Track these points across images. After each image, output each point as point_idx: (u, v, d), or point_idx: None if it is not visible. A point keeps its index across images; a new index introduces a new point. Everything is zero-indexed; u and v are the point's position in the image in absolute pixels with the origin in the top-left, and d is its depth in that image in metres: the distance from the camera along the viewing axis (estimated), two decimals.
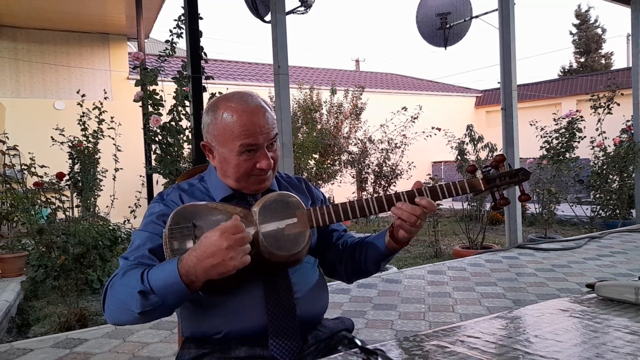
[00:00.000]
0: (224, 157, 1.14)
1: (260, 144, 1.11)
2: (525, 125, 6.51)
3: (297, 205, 1.09)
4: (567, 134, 6.33)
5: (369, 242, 1.23)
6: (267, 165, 1.12)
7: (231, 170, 1.14)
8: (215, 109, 1.15)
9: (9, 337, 3.44)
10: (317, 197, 1.32)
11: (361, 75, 17.07)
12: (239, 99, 1.15)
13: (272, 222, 1.06)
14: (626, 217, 6.71)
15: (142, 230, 1.12)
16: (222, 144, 1.13)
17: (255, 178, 1.14)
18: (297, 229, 1.07)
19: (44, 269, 4.17)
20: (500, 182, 1.14)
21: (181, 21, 3.83)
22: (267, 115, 1.14)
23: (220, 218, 1.04)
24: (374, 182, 8.71)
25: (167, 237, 1.01)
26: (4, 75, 9.42)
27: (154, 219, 1.12)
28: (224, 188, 1.18)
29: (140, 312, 0.96)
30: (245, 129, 1.10)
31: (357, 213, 1.10)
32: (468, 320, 1.02)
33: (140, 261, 1.05)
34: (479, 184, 1.13)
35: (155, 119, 3.72)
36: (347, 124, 9.35)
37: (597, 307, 1.05)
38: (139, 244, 1.09)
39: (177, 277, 0.93)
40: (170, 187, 1.22)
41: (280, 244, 1.04)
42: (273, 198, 1.09)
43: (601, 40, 23.26)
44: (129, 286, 0.97)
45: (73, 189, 6.31)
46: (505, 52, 5.09)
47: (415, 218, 1.07)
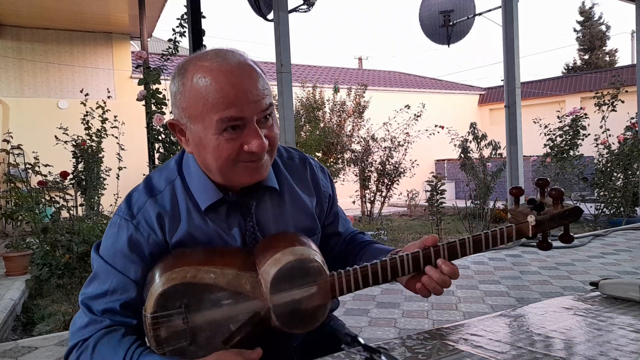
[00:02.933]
0: (199, 138, 0.84)
1: (247, 117, 0.81)
2: (529, 122, 6.49)
3: (319, 272, 0.86)
4: (571, 132, 6.32)
5: (369, 251, 1.07)
6: (258, 146, 0.82)
7: (210, 157, 0.84)
8: (184, 72, 0.84)
9: (14, 335, 3.46)
10: (324, 194, 1.06)
11: (364, 73, 17.06)
12: (215, 55, 0.83)
13: (286, 293, 0.84)
14: (630, 214, 6.68)
15: (108, 265, 0.86)
16: (195, 120, 0.83)
17: (244, 166, 0.85)
18: (316, 301, 0.86)
19: (49, 267, 4.19)
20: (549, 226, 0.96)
21: (184, 20, 3.84)
22: (256, 76, 0.83)
23: (222, 296, 0.82)
24: (377, 180, 8.71)
25: (151, 325, 0.79)
26: (8, 75, 9.46)
27: (124, 250, 0.85)
28: (209, 189, 0.89)
29: None
30: (224, 96, 0.79)
31: (388, 275, 0.91)
32: (471, 318, 1.02)
33: (111, 318, 0.84)
34: (527, 231, 0.94)
35: (159, 117, 3.72)
36: (350, 122, 9.34)
37: (601, 305, 1.05)
38: (105, 290, 0.85)
39: None
40: (142, 192, 0.90)
41: (295, 320, 0.85)
42: (290, 264, 0.83)
43: (605, 37, 23.17)
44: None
45: (77, 187, 6.32)
46: (508, 49, 5.07)
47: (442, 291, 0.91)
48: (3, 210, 4.95)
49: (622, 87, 6.62)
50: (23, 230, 5.36)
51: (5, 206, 5.06)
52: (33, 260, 4.74)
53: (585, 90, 13.41)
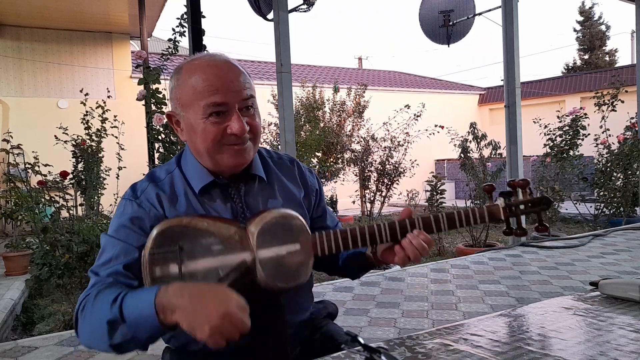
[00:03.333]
0: (190, 124, 0.97)
1: (230, 102, 0.95)
2: (529, 122, 6.49)
3: (302, 229, 0.95)
4: (570, 132, 6.31)
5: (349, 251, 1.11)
6: (239, 128, 0.94)
7: (199, 140, 0.96)
8: (179, 71, 1.00)
9: (14, 335, 3.46)
10: (311, 188, 1.15)
11: (364, 73, 17.06)
12: (204, 55, 1.01)
13: (272, 248, 0.92)
14: (630, 214, 6.68)
15: (113, 237, 0.95)
16: (186, 108, 0.97)
17: (229, 149, 0.96)
18: (299, 257, 0.94)
19: (49, 267, 4.19)
20: (520, 212, 1.04)
21: (184, 20, 3.84)
22: (238, 71, 0.98)
23: (212, 242, 0.90)
24: (377, 180, 8.71)
25: (148, 262, 0.87)
26: (8, 75, 9.45)
27: (127, 224, 0.95)
28: (202, 174, 1.01)
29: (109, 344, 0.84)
30: (210, 84, 0.94)
31: (367, 240, 0.99)
32: (471, 318, 1.02)
33: (115, 278, 0.92)
34: (498, 213, 1.03)
35: (158, 117, 3.72)
36: (350, 122, 9.34)
37: (601, 305, 1.05)
38: (110, 257, 0.93)
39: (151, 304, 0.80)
40: (145, 180, 1.04)
41: (280, 274, 0.92)
42: (274, 220, 0.94)
43: (605, 37, 23.17)
44: (100, 313, 0.85)
45: (77, 187, 6.32)
46: (508, 49, 5.07)
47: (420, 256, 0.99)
48: (3, 210, 4.95)
49: (622, 87, 6.62)
50: (23, 230, 5.36)
51: (5, 206, 5.06)
52: (33, 260, 4.74)
53: (585, 90, 13.41)
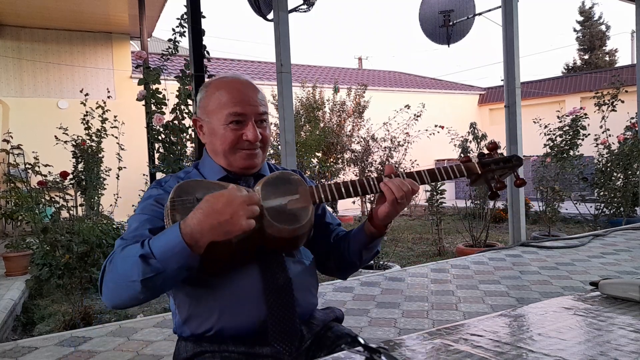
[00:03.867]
0: (212, 128, 1.15)
1: (248, 114, 1.13)
2: (529, 122, 6.49)
3: (299, 182, 1.09)
4: (571, 132, 6.31)
5: (351, 233, 1.23)
6: (253, 136, 1.12)
7: (218, 142, 1.14)
8: (208, 85, 1.20)
9: (14, 335, 3.47)
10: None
11: (364, 73, 17.06)
12: (232, 75, 1.20)
13: (275, 198, 1.05)
14: (630, 214, 6.68)
15: (140, 214, 1.10)
16: (211, 115, 1.15)
17: (242, 152, 1.14)
18: (300, 204, 1.06)
19: (49, 267, 4.19)
20: (495, 167, 1.17)
21: (184, 20, 3.84)
22: (257, 91, 1.17)
23: None
24: None
25: (169, 209, 0.99)
26: (8, 75, 9.45)
27: (152, 202, 1.10)
28: (217, 170, 1.17)
29: (142, 279, 0.90)
30: (233, 97, 1.13)
31: (358, 190, 1.11)
32: (471, 318, 1.02)
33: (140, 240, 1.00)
34: (475, 167, 1.16)
35: (158, 117, 3.72)
36: (350, 122, 9.34)
37: (601, 305, 1.05)
38: (137, 226, 1.06)
39: (179, 237, 0.90)
40: (168, 176, 1.22)
41: (283, 217, 1.03)
42: (275, 175, 1.09)
43: (605, 37, 23.18)
44: (129, 256, 0.94)
45: (77, 187, 6.33)
46: (508, 49, 5.07)
47: (402, 192, 1.07)
48: (3, 210, 4.95)
49: (622, 87, 6.62)
50: (23, 230, 5.36)
51: (5, 206, 5.06)
52: (33, 260, 4.74)
53: (585, 90, 13.41)
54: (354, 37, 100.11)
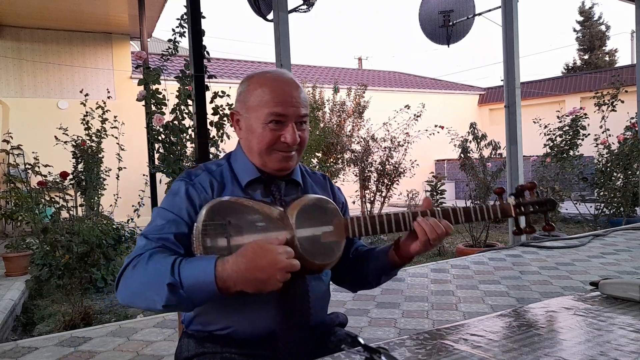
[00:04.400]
0: (250, 125, 1.10)
1: (289, 115, 1.07)
2: (529, 122, 6.49)
3: (335, 212, 1.06)
4: (570, 132, 6.32)
5: (373, 254, 1.21)
6: (292, 139, 1.07)
7: (255, 140, 1.09)
8: (250, 79, 1.13)
9: (14, 336, 3.46)
10: (339, 200, 1.26)
11: (364, 73, 17.06)
12: (275, 70, 1.14)
13: (309, 228, 1.01)
14: (630, 214, 6.68)
15: (166, 210, 1.05)
16: (251, 111, 1.10)
17: (278, 154, 1.09)
18: (333, 237, 1.03)
19: (49, 267, 4.19)
20: (528, 210, 1.16)
21: (184, 20, 3.83)
22: (301, 91, 1.11)
23: (257, 218, 1.00)
24: (377, 180, 8.70)
25: (200, 232, 0.95)
26: (8, 75, 9.45)
27: (181, 200, 1.06)
28: (250, 169, 1.12)
29: (164, 304, 0.91)
30: (276, 96, 1.07)
31: (393, 226, 1.07)
32: (471, 318, 1.02)
33: (165, 245, 1.00)
34: (510, 210, 1.15)
35: (158, 118, 3.72)
36: (350, 122, 9.33)
37: (601, 305, 1.05)
38: (162, 225, 1.02)
39: (212, 279, 0.88)
40: (199, 168, 1.15)
41: (315, 251, 1.01)
42: (311, 202, 1.04)
43: (605, 37, 23.18)
44: (155, 274, 0.92)
45: (77, 188, 6.33)
46: (508, 49, 5.07)
47: (436, 234, 1.05)
48: (3, 211, 4.95)
49: (621, 87, 6.62)
50: (23, 230, 5.36)
51: (5, 206, 5.06)
52: (33, 260, 4.74)
53: (585, 90, 13.41)
54: (354, 37, 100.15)
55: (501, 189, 1.17)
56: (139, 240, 1.03)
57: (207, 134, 3.60)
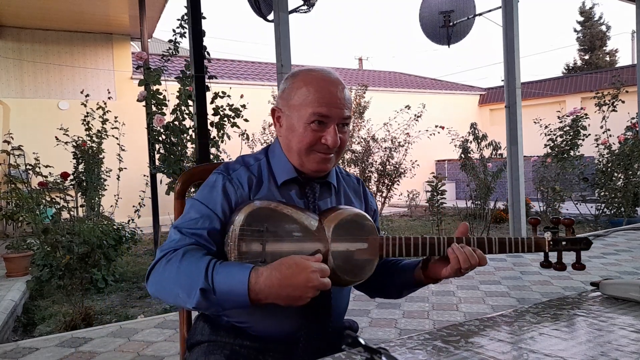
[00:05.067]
0: (292, 124, 1.08)
1: (332, 116, 1.05)
2: (530, 123, 6.49)
3: (372, 230, 1.04)
4: (571, 132, 6.31)
5: (399, 268, 1.20)
6: (333, 141, 1.05)
7: (295, 139, 1.07)
8: (295, 76, 1.11)
9: (15, 336, 3.46)
10: (370, 207, 1.26)
11: (364, 73, 17.06)
12: (321, 69, 1.11)
13: (344, 243, 1.01)
14: (631, 215, 6.67)
15: (201, 203, 1.04)
16: (293, 110, 1.07)
17: (317, 155, 1.07)
18: (366, 255, 1.02)
19: (49, 268, 4.19)
20: (562, 248, 1.14)
21: (184, 21, 3.84)
22: (346, 93, 1.09)
23: (294, 228, 0.99)
24: (378, 180, 8.71)
25: (237, 237, 0.95)
26: (9, 76, 9.46)
27: (217, 194, 1.04)
28: (288, 169, 1.10)
29: (194, 306, 0.92)
30: (321, 97, 1.05)
31: (427, 251, 1.07)
32: (472, 318, 1.02)
33: (198, 241, 0.99)
34: (544, 245, 1.12)
35: (159, 118, 3.73)
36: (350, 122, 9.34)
37: (602, 305, 1.05)
38: (196, 218, 1.02)
39: (245, 290, 0.89)
40: (236, 162, 1.13)
41: (348, 267, 1.00)
42: (350, 217, 1.03)
43: (606, 38, 23.17)
44: (189, 275, 0.92)
45: (77, 188, 6.33)
46: (509, 49, 5.07)
47: (469, 264, 1.04)
48: (4, 211, 4.95)
49: (622, 87, 6.62)
50: (24, 231, 5.36)
51: (6, 207, 5.06)
52: (34, 261, 4.74)
53: (586, 90, 13.40)
54: (354, 37, 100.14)
55: (536, 219, 1.14)
56: (172, 232, 1.02)
57: (208, 135, 3.60)
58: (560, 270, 1.15)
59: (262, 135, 8.68)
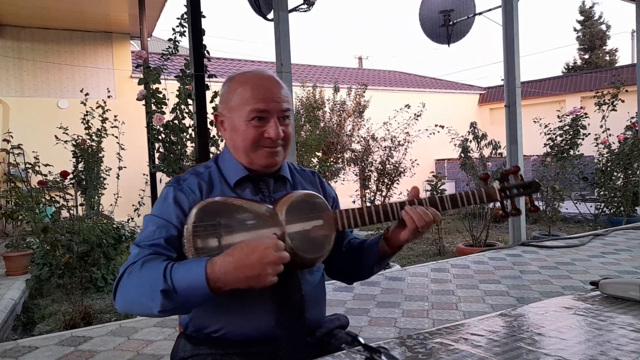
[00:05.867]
0: (233, 124, 1.12)
1: (271, 110, 1.09)
2: (529, 122, 6.48)
3: (324, 207, 1.07)
4: (571, 131, 6.31)
5: (364, 246, 1.23)
6: (275, 134, 1.09)
7: (239, 138, 1.11)
8: (231, 80, 1.16)
9: (15, 335, 3.47)
10: (329, 195, 1.29)
11: (364, 72, 17.05)
12: (255, 69, 1.17)
13: (299, 223, 1.03)
14: (630, 214, 6.67)
15: (156, 217, 1.07)
16: (233, 111, 1.12)
17: (263, 150, 1.11)
18: (323, 231, 1.05)
19: (49, 267, 4.19)
20: (513, 194, 1.19)
21: (184, 19, 3.83)
22: (281, 87, 1.13)
23: (246, 217, 1.01)
24: (377, 180, 8.70)
25: (191, 234, 0.96)
26: (8, 75, 9.45)
27: (169, 204, 1.07)
28: (238, 169, 1.14)
29: (160, 310, 0.93)
30: (257, 93, 1.09)
31: (381, 217, 1.10)
32: (472, 318, 1.02)
33: (157, 250, 1.01)
34: (495, 194, 1.18)
35: (159, 117, 3.72)
36: (350, 121, 9.33)
37: (601, 304, 1.05)
38: (153, 231, 1.04)
39: (204, 282, 0.90)
40: (187, 172, 1.17)
41: (306, 246, 1.02)
42: (300, 198, 1.06)
43: (605, 37, 23.16)
44: (149, 281, 0.93)
45: (77, 187, 6.32)
46: (508, 49, 5.07)
47: (424, 222, 1.07)
48: (3, 210, 4.95)
49: (622, 86, 6.61)
50: (23, 230, 5.35)
51: (6, 206, 5.06)
52: (33, 260, 4.74)
53: (586, 89, 13.40)
54: (354, 37, 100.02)
55: (486, 174, 1.20)
56: (131, 249, 1.05)
57: (208, 134, 3.60)
58: (516, 215, 1.20)
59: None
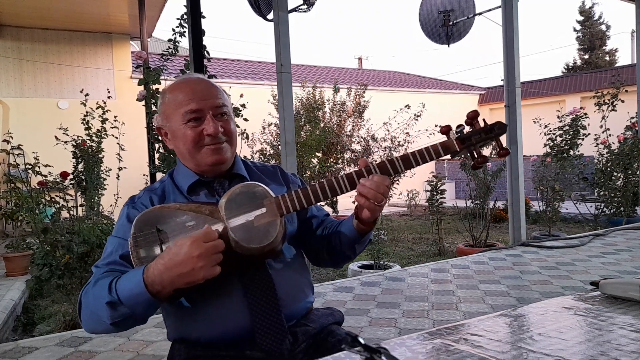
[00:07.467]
0: (173, 131, 1.13)
1: (204, 108, 1.10)
2: (529, 122, 6.49)
3: (264, 194, 1.03)
4: (571, 131, 6.31)
5: (342, 229, 1.19)
6: (213, 129, 1.08)
7: (181, 142, 1.11)
8: (164, 92, 1.18)
9: (15, 336, 3.47)
10: (293, 183, 1.27)
11: (364, 73, 17.06)
12: (183, 76, 1.20)
13: (240, 216, 1.00)
14: (630, 214, 6.68)
15: (114, 236, 1.10)
16: (170, 119, 1.13)
17: (206, 148, 1.11)
18: (266, 219, 1.01)
19: (49, 267, 4.19)
20: (475, 140, 1.06)
21: (184, 20, 3.83)
22: (209, 84, 1.15)
23: (185, 219, 1.00)
24: None
25: (132, 245, 0.98)
26: (8, 75, 9.45)
27: (124, 223, 1.09)
28: (188, 175, 1.15)
29: (111, 323, 0.95)
30: (186, 95, 1.10)
31: (327, 193, 1.04)
32: (472, 318, 1.02)
33: (112, 268, 1.03)
34: (452, 145, 1.06)
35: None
36: (350, 122, 9.33)
37: (602, 305, 1.05)
38: (110, 251, 1.07)
39: (143, 288, 0.91)
40: (142, 191, 1.19)
41: (251, 236, 0.99)
42: (238, 190, 1.03)
43: (605, 37, 23.17)
44: (99, 296, 0.96)
45: (77, 188, 6.32)
46: (508, 49, 5.07)
47: (380, 196, 1.03)
48: (3, 211, 4.96)
49: (622, 86, 6.61)
50: (23, 230, 5.36)
51: (6, 206, 5.06)
52: (33, 260, 4.74)
53: (585, 89, 13.40)
54: (354, 37, 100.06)
55: (447, 126, 1.08)
56: (92, 270, 1.07)
57: None
58: (482, 162, 1.06)
59: (262, 135, 8.69)
